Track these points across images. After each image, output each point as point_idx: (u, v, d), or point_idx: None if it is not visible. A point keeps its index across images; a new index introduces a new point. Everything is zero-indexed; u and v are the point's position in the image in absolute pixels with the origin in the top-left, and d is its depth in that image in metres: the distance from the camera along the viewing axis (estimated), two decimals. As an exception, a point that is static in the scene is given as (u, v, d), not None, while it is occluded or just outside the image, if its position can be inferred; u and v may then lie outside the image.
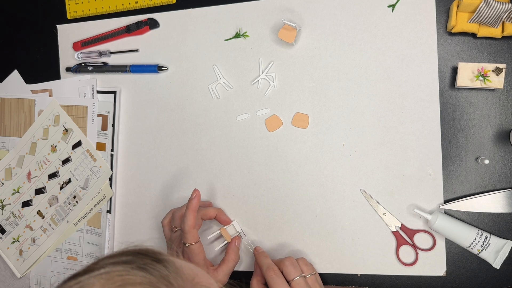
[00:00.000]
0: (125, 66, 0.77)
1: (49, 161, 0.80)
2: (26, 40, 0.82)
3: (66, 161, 0.79)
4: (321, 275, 0.70)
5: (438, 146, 0.67)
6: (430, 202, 0.68)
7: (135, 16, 0.77)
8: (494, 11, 0.60)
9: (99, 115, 0.78)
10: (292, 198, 0.72)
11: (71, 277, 0.34)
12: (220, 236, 0.74)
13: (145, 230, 0.78)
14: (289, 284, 0.61)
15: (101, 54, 0.78)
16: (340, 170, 0.70)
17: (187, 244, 0.65)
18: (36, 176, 0.81)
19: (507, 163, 0.66)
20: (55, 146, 0.80)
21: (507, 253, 0.64)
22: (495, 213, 0.66)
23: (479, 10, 0.61)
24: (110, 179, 0.78)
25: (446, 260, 0.67)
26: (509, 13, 0.60)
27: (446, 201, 0.67)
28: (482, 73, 0.62)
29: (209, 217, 0.70)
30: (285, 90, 0.72)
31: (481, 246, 0.63)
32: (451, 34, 0.67)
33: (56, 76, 0.81)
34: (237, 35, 0.73)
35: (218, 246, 0.73)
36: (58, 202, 0.80)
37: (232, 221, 0.72)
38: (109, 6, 0.77)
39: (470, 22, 0.64)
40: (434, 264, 0.68)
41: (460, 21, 0.64)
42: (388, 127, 0.69)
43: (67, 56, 0.80)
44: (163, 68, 0.75)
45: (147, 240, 0.78)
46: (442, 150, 0.67)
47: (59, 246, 0.81)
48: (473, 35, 0.66)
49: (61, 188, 0.79)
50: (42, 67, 0.82)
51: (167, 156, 0.76)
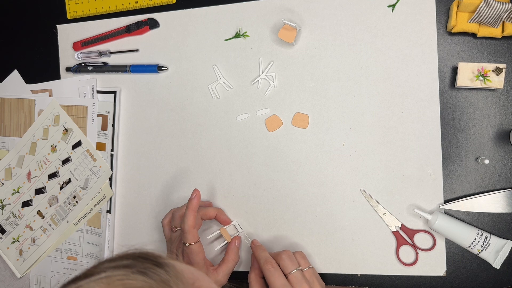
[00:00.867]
0: (125, 66, 0.77)
1: (49, 161, 0.80)
2: (26, 40, 0.82)
3: (66, 161, 0.79)
4: (321, 275, 0.70)
5: (438, 146, 0.67)
6: (430, 202, 0.68)
7: (135, 16, 0.77)
8: (494, 11, 0.60)
9: (99, 115, 0.78)
10: (292, 198, 0.72)
11: (71, 281, 0.34)
12: (220, 236, 0.74)
13: (145, 230, 0.78)
14: (286, 277, 0.61)
15: (101, 54, 0.78)
16: (340, 170, 0.70)
17: (187, 244, 0.65)
18: (36, 176, 0.81)
19: (507, 163, 0.66)
20: (55, 146, 0.80)
21: (507, 253, 0.64)
22: (495, 213, 0.66)
23: (479, 10, 0.61)
24: (110, 179, 0.78)
25: (446, 260, 0.67)
26: (509, 13, 0.60)
27: (446, 201, 0.67)
28: (482, 73, 0.62)
29: (209, 217, 0.71)
30: (285, 90, 0.72)
31: (481, 246, 0.63)
32: (451, 34, 0.67)
33: (56, 76, 0.81)
34: (237, 35, 0.73)
35: (218, 246, 0.73)
36: (58, 202, 0.80)
37: (232, 221, 0.72)
38: (109, 6, 0.77)
39: (470, 22, 0.64)
40: (434, 264, 0.68)
41: (460, 21, 0.64)
42: (388, 127, 0.69)
43: (67, 56, 0.80)
44: (163, 68, 0.75)
45: (148, 244, 0.78)
46: (442, 150, 0.67)
47: (59, 246, 0.81)
48: (473, 35, 0.66)
49: (61, 188, 0.79)
50: (42, 67, 0.82)
51: (167, 156, 0.76)
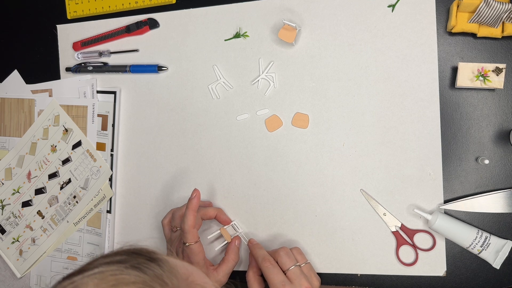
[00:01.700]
0: (125, 66, 0.77)
1: (49, 161, 0.80)
2: (26, 40, 0.82)
3: (66, 161, 0.79)
4: (321, 275, 0.70)
5: (438, 146, 0.67)
6: (430, 202, 0.68)
7: (135, 16, 0.77)
8: (494, 11, 0.60)
9: (99, 115, 0.78)
10: (292, 198, 0.72)
11: (66, 277, 0.34)
12: (220, 236, 0.74)
13: (145, 230, 0.78)
14: (285, 274, 0.61)
15: (101, 54, 0.78)
16: (340, 170, 0.70)
17: (187, 244, 0.65)
18: (36, 176, 0.81)
19: (507, 163, 0.66)
20: (55, 146, 0.80)
21: (507, 253, 0.64)
22: (495, 213, 0.66)
23: (479, 10, 0.61)
24: (110, 179, 0.78)
25: (446, 260, 0.67)
26: (509, 13, 0.60)
27: (446, 201, 0.67)
28: (482, 73, 0.62)
29: (209, 217, 0.71)
30: (285, 90, 0.72)
31: (481, 246, 0.63)
32: (451, 34, 0.67)
33: (56, 76, 0.81)
34: (237, 35, 0.73)
35: (218, 246, 0.73)
36: (58, 202, 0.80)
37: (232, 221, 0.72)
38: (109, 6, 0.77)
39: (470, 22, 0.64)
40: (434, 264, 0.68)
41: (460, 21, 0.64)
42: (388, 127, 0.69)
43: (67, 56, 0.80)
44: (163, 68, 0.75)
45: (147, 239, 0.78)
46: (442, 150, 0.67)
47: (59, 246, 0.81)
48: (473, 35, 0.66)
49: (61, 188, 0.79)
50: (42, 67, 0.82)
51: (167, 156, 0.76)
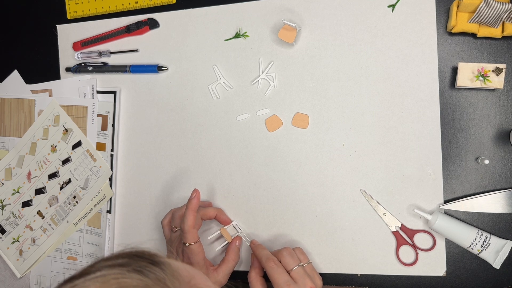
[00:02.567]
0: (125, 66, 0.77)
1: (49, 161, 0.80)
2: (26, 40, 0.82)
3: (66, 161, 0.79)
4: (321, 275, 0.70)
5: (438, 146, 0.67)
6: (430, 202, 0.68)
7: (135, 16, 0.77)
8: (494, 11, 0.60)
9: (99, 115, 0.78)
10: (292, 198, 0.72)
11: (67, 280, 0.34)
12: (221, 236, 0.74)
13: (145, 230, 0.78)
14: (288, 274, 0.62)
15: (101, 54, 0.78)
16: (340, 170, 0.70)
17: (187, 244, 0.65)
18: (36, 176, 0.81)
19: (507, 163, 0.66)
20: (55, 146, 0.80)
21: (507, 253, 0.64)
22: (495, 213, 0.66)
23: (479, 10, 0.61)
24: (110, 179, 0.78)
25: (446, 260, 0.67)
26: (509, 13, 0.60)
27: (446, 201, 0.67)
28: (482, 73, 0.62)
29: (209, 217, 0.71)
30: (285, 90, 0.72)
31: (481, 246, 0.63)
32: (451, 34, 0.67)
33: (56, 76, 0.81)
34: (237, 35, 0.73)
35: (219, 246, 0.73)
36: (58, 202, 0.80)
37: (232, 221, 0.72)
38: (109, 6, 0.77)
39: (470, 22, 0.64)
40: (434, 264, 0.68)
41: (460, 21, 0.64)
42: (388, 127, 0.69)
43: (67, 56, 0.80)
44: (163, 68, 0.75)
45: (148, 241, 0.78)
46: (442, 150, 0.67)
47: (59, 246, 0.81)
48: (473, 35, 0.66)
49: (61, 188, 0.79)
50: (42, 67, 0.82)
51: (167, 156, 0.76)
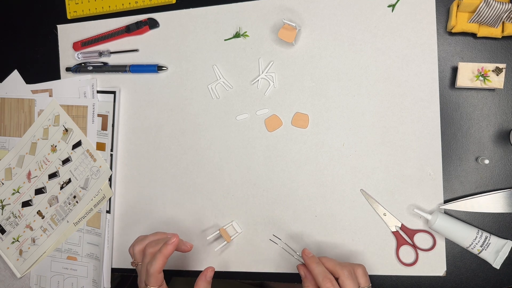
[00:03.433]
0: (125, 66, 0.77)
1: (49, 161, 0.80)
2: (26, 40, 0.82)
3: (66, 161, 0.79)
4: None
5: (438, 146, 0.67)
6: (430, 202, 0.68)
7: (135, 16, 0.77)
8: (494, 11, 0.60)
9: (99, 115, 0.78)
10: (292, 198, 0.72)
11: None
12: (220, 237, 0.74)
13: (145, 231, 0.78)
14: None
15: (101, 54, 0.78)
16: (340, 170, 0.70)
17: (148, 287, 0.61)
18: (36, 176, 0.81)
19: (507, 163, 0.66)
20: (55, 146, 0.80)
21: (507, 253, 0.64)
22: (495, 213, 0.66)
23: (479, 10, 0.61)
24: (110, 179, 0.78)
25: (446, 260, 0.67)
26: (509, 13, 0.60)
27: (446, 201, 0.67)
28: (482, 73, 0.62)
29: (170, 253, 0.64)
30: (285, 90, 0.72)
31: (481, 246, 0.63)
32: (451, 34, 0.67)
33: (56, 76, 0.81)
34: (237, 35, 0.73)
35: (218, 247, 0.73)
36: (58, 202, 0.80)
37: (232, 221, 0.72)
38: (109, 6, 0.77)
39: (470, 22, 0.64)
40: (434, 264, 0.68)
41: (460, 21, 0.64)
42: (388, 127, 0.69)
43: (67, 56, 0.80)
44: (163, 68, 0.75)
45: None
46: (442, 150, 0.67)
47: (59, 246, 0.81)
48: (473, 35, 0.66)
49: (61, 188, 0.79)
50: (42, 67, 0.82)
51: (167, 156, 0.76)
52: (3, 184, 0.82)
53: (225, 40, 0.74)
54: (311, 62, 0.71)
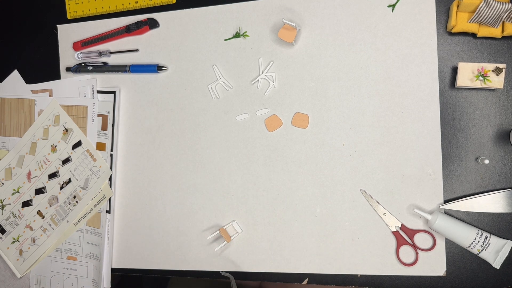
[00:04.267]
0: (125, 66, 0.77)
1: (49, 161, 0.80)
2: (26, 40, 0.82)
3: (66, 161, 0.79)
4: (321, 275, 0.70)
5: (438, 146, 0.67)
6: (430, 202, 0.68)
7: (135, 16, 0.77)
8: (494, 11, 0.60)
9: (99, 115, 0.78)
10: (292, 198, 0.72)
11: None
12: (220, 237, 0.74)
13: (144, 231, 0.78)
14: None
15: (101, 54, 0.78)
16: (340, 170, 0.70)
17: None
18: (36, 176, 0.81)
19: (507, 163, 0.66)
20: (55, 146, 0.80)
21: (507, 253, 0.64)
22: (495, 213, 0.66)
23: (479, 10, 0.61)
24: (110, 179, 0.78)
25: (446, 260, 0.67)
26: (509, 13, 0.60)
27: (446, 201, 0.67)
28: (482, 73, 0.62)
29: None
30: (285, 90, 0.72)
31: (481, 246, 0.63)
32: (451, 34, 0.67)
33: (56, 76, 0.81)
34: (237, 35, 0.73)
35: (218, 247, 0.73)
36: (58, 202, 0.80)
37: (232, 221, 0.72)
38: (109, 6, 0.77)
39: (470, 22, 0.64)
40: (434, 264, 0.68)
41: (460, 21, 0.64)
42: (388, 127, 0.69)
43: (67, 56, 0.80)
44: (163, 68, 0.75)
45: (146, 244, 0.78)
46: (442, 150, 0.67)
47: (59, 246, 0.81)
48: (473, 35, 0.66)
49: (61, 188, 0.79)
50: (42, 67, 0.82)
51: (167, 156, 0.76)
52: (3, 184, 0.82)
53: (225, 40, 0.74)
54: (311, 62, 0.71)
